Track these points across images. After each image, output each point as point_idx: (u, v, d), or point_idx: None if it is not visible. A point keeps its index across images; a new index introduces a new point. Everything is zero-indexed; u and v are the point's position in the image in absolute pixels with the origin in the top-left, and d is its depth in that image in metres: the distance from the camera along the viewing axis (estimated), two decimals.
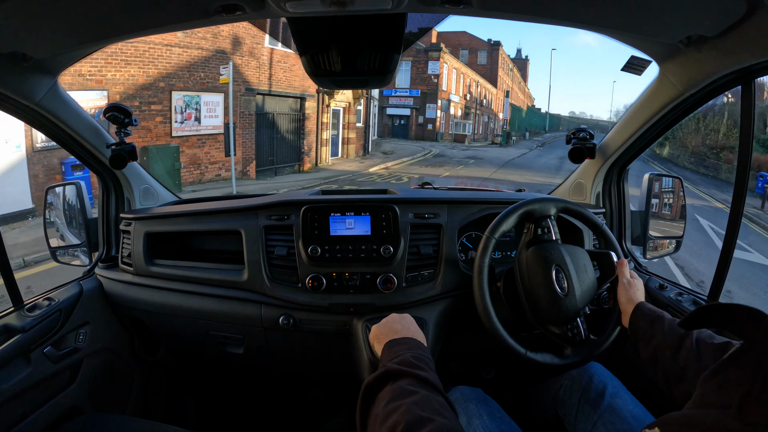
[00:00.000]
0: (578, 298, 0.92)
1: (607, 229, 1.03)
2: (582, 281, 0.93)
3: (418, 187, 1.48)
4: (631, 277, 0.92)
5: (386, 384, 0.57)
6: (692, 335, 0.71)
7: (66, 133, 1.13)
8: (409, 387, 0.55)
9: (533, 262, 0.94)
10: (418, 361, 0.61)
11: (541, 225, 0.98)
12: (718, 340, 0.69)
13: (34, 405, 0.99)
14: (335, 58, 0.87)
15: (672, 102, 1.02)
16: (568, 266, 0.94)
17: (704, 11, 0.70)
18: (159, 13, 0.74)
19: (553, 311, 0.91)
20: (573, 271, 0.93)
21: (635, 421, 0.81)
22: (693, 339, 0.71)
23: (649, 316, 0.80)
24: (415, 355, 0.63)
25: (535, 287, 0.93)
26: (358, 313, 1.10)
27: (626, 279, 0.90)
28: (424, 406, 0.51)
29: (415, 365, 0.60)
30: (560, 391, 0.95)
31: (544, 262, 0.93)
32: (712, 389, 0.46)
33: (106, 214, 1.35)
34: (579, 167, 1.42)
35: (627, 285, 0.89)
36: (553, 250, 0.95)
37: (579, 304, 0.92)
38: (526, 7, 0.73)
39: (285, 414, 1.58)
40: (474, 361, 1.42)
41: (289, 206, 1.14)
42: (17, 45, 0.81)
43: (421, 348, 0.68)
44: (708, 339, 0.70)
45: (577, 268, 0.94)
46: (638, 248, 1.32)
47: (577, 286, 0.92)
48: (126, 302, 1.25)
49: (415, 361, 0.61)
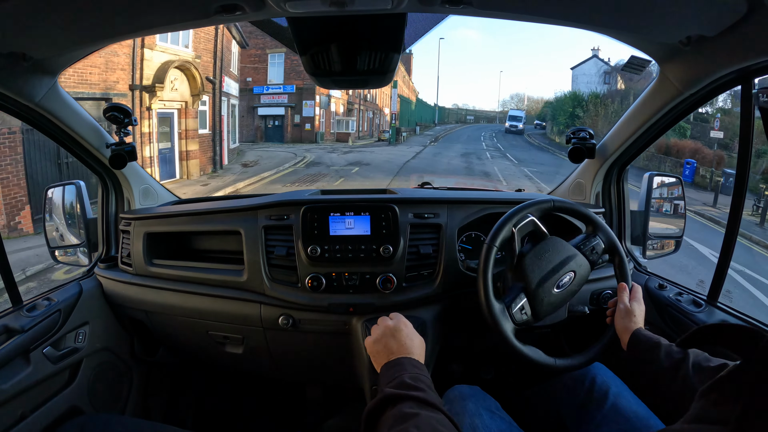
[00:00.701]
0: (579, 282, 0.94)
1: (585, 211, 1.02)
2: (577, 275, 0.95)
3: (418, 187, 1.49)
4: (632, 299, 0.91)
5: (386, 409, 0.59)
6: (689, 360, 0.73)
7: (66, 133, 1.13)
8: (408, 410, 0.57)
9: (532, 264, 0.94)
10: (415, 382, 0.63)
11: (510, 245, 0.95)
12: (714, 362, 0.70)
13: (34, 405, 0.99)
14: (335, 57, 0.87)
15: (672, 102, 1.02)
16: (555, 268, 0.94)
17: (704, 11, 0.70)
18: (159, 14, 0.74)
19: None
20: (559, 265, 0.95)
21: (639, 421, 0.81)
22: (689, 363, 0.72)
23: (646, 343, 0.80)
24: (412, 376, 0.64)
25: (543, 290, 0.92)
26: (357, 312, 1.10)
27: (623, 305, 0.89)
28: (424, 428, 0.53)
29: (412, 386, 0.61)
30: (562, 390, 0.95)
31: (542, 267, 0.93)
32: (710, 404, 0.46)
33: (105, 214, 1.35)
34: (579, 167, 1.42)
35: (624, 312, 0.88)
36: (545, 250, 0.95)
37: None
38: (527, 7, 0.73)
39: (284, 414, 1.58)
40: (474, 361, 1.42)
41: (289, 206, 1.13)
42: (17, 45, 0.81)
43: (417, 366, 0.69)
44: (704, 362, 0.71)
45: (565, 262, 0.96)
46: (638, 248, 1.32)
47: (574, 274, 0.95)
48: (125, 302, 1.25)
49: (412, 383, 0.62)
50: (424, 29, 0.91)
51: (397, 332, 0.76)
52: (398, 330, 0.76)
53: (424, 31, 0.92)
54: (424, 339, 0.78)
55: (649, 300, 1.10)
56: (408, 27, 0.82)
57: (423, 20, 0.86)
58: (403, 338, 0.75)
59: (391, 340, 0.75)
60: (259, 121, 20.35)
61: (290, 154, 15.19)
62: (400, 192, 1.24)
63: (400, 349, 0.73)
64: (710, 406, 0.46)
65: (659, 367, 0.75)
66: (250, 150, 16.24)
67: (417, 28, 0.88)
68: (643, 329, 0.85)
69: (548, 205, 0.98)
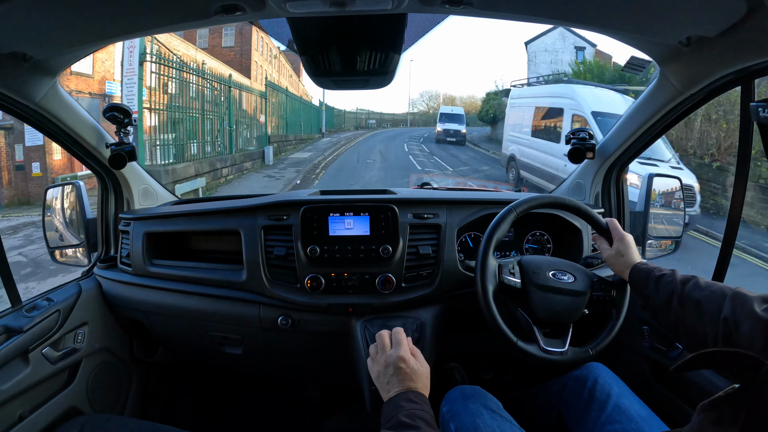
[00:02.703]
0: (582, 280, 0.95)
1: (573, 202, 1.02)
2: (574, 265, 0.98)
3: (418, 188, 1.49)
4: (615, 240, 0.94)
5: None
6: (675, 292, 0.74)
7: (66, 133, 1.13)
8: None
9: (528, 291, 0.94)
10: (412, 420, 0.64)
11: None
12: (703, 289, 0.71)
13: (33, 405, 0.99)
14: (335, 58, 0.87)
15: (672, 102, 1.02)
16: (556, 264, 0.97)
17: (704, 11, 0.70)
18: (159, 13, 0.74)
19: (580, 296, 0.93)
20: (559, 261, 0.98)
21: (643, 421, 0.81)
22: (678, 296, 0.74)
23: (642, 278, 0.84)
24: (408, 414, 0.65)
25: (557, 303, 0.92)
26: (356, 313, 1.10)
27: (610, 254, 0.93)
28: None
29: (409, 425, 0.63)
30: (564, 391, 0.95)
31: (542, 286, 0.93)
32: (709, 421, 0.47)
33: (105, 214, 1.35)
34: (578, 167, 1.42)
35: (613, 257, 0.92)
36: (533, 268, 0.95)
37: (587, 275, 0.96)
38: (527, 7, 0.74)
39: (284, 414, 1.57)
40: (473, 361, 1.42)
41: (289, 206, 1.13)
42: (17, 45, 0.81)
43: (415, 401, 0.68)
44: (692, 292, 0.72)
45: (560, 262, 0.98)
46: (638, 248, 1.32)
47: (571, 266, 0.97)
48: (125, 302, 1.25)
49: (408, 421, 0.64)
50: (424, 29, 0.91)
51: (397, 369, 0.73)
52: (398, 366, 0.73)
53: (424, 31, 0.92)
54: (423, 339, 0.78)
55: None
56: (408, 27, 0.82)
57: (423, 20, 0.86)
58: (402, 374, 0.73)
59: (393, 378, 0.73)
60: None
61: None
62: (400, 192, 1.24)
63: (401, 384, 0.71)
64: (709, 424, 0.47)
65: (656, 300, 0.78)
66: None
67: (417, 29, 0.88)
68: (639, 264, 0.87)
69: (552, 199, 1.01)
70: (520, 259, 0.98)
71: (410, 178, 10.22)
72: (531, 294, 0.92)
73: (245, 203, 1.19)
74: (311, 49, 0.86)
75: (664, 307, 0.76)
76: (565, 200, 1.00)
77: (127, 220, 1.28)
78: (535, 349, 0.88)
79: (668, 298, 0.75)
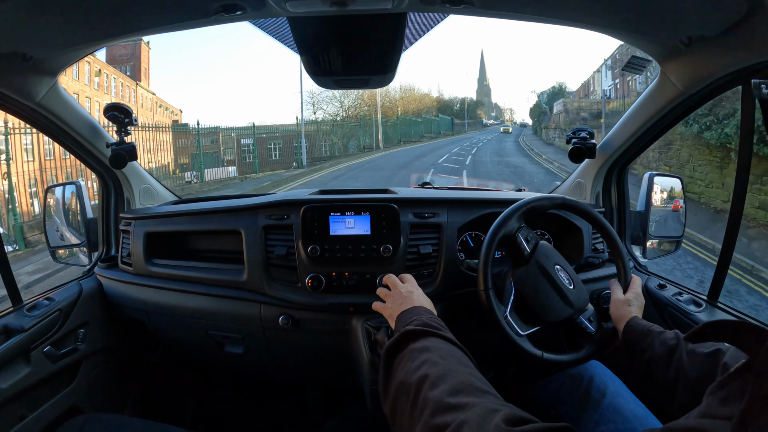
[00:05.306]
0: (581, 288, 0.96)
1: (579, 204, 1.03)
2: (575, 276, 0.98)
3: (418, 187, 1.48)
4: (630, 290, 0.93)
5: (408, 344, 0.62)
6: (681, 346, 0.73)
7: (66, 132, 1.13)
8: (431, 343, 0.61)
9: (535, 273, 0.95)
10: (435, 322, 0.67)
11: (517, 241, 0.97)
12: (707, 348, 0.70)
13: (34, 405, 0.99)
14: (336, 57, 0.87)
15: (672, 102, 1.02)
16: (567, 267, 0.97)
17: (704, 11, 0.70)
18: (159, 13, 0.74)
19: (567, 305, 0.93)
20: (569, 266, 0.98)
21: (637, 420, 0.81)
22: (683, 350, 0.72)
23: (640, 331, 0.81)
24: (430, 318, 0.68)
25: (543, 292, 0.93)
26: (357, 312, 1.10)
27: (618, 298, 0.92)
28: (449, 358, 0.57)
29: (432, 326, 0.65)
30: (561, 390, 0.95)
31: (543, 269, 0.94)
32: (717, 401, 0.46)
33: (105, 213, 1.35)
34: (579, 167, 1.42)
35: (619, 302, 0.91)
36: (546, 253, 0.97)
37: (586, 294, 0.96)
38: (528, 7, 0.74)
39: (284, 413, 1.58)
40: None
41: (289, 206, 1.13)
42: (17, 45, 0.81)
43: (432, 314, 0.73)
44: (698, 348, 0.71)
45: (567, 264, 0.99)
46: (638, 248, 1.32)
47: (577, 278, 0.97)
48: (125, 302, 1.25)
49: (431, 322, 0.66)
50: (424, 29, 0.91)
51: (409, 296, 0.80)
52: (409, 297, 0.80)
53: (424, 31, 0.92)
54: None
55: (649, 300, 1.10)
56: (408, 27, 0.82)
57: (423, 20, 0.86)
58: (414, 300, 0.79)
59: (406, 300, 0.79)
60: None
61: None
62: (401, 192, 1.23)
63: (415, 304, 0.77)
64: (717, 403, 0.46)
65: (653, 354, 0.76)
66: None
67: (417, 28, 0.88)
68: (639, 318, 0.86)
69: (559, 200, 1.02)
70: (540, 240, 1.00)
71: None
72: (530, 268, 0.94)
73: (246, 203, 1.19)
74: (312, 49, 0.86)
75: (664, 361, 0.74)
76: (600, 218, 1.03)
77: (127, 220, 1.28)
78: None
79: (670, 351, 0.74)
